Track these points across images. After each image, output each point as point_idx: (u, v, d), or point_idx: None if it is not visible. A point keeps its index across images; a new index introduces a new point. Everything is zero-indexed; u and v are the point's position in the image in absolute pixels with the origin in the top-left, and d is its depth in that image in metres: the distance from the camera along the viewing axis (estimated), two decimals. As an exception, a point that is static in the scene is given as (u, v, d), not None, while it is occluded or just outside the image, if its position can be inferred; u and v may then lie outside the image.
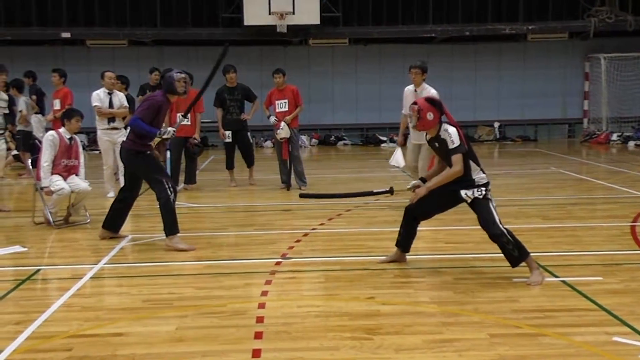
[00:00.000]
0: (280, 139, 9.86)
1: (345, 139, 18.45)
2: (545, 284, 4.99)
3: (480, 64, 18.45)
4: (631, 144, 16.62)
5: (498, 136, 18.52)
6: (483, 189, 5.13)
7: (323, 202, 8.78)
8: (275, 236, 6.87)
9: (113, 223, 6.70)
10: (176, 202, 6.36)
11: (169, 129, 6.61)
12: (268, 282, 5.14)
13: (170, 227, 6.24)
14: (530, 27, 17.44)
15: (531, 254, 5.12)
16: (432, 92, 8.02)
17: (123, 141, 6.68)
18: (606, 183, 10.14)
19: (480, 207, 5.12)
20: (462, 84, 18.28)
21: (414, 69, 8.06)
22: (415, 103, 5.32)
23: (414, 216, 5.50)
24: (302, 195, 6.69)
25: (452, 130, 5.14)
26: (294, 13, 15.95)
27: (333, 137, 18.53)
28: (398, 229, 5.64)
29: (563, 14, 17.88)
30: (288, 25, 16.05)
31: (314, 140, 18.42)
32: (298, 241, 6.54)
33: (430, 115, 5.21)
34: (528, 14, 17.85)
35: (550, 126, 18.90)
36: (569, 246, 6.19)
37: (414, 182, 5.63)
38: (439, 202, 5.39)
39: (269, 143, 17.46)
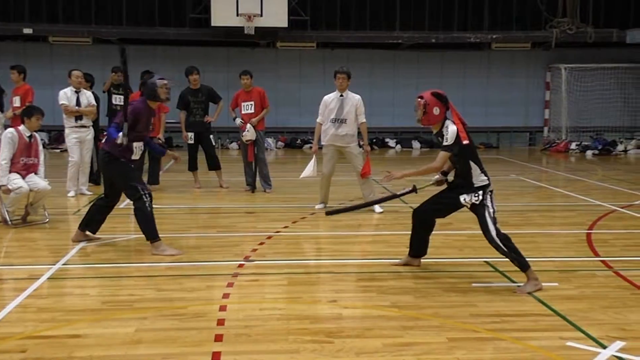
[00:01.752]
0: (246, 141, 9.83)
1: (311, 142, 18.43)
2: (503, 289, 5.09)
3: (445, 71, 18.71)
4: (589, 153, 17.04)
5: (461, 143, 18.77)
6: (480, 192, 5.08)
7: (288, 205, 8.80)
8: (239, 239, 6.85)
9: (91, 225, 6.52)
10: (148, 207, 6.12)
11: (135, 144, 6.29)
12: (230, 285, 5.12)
13: (150, 233, 6.08)
14: (494, 36, 17.77)
15: (489, 259, 5.20)
16: (357, 97, 8.21)
17: (103, 143, 6.44)
18: (564, 191, 10.38)
19: (478, 215, 5.11)
20: (428, 90, 18.47)
21: (342, 74, 8.20)
22: (421, 97, 5.22)
23: (421, 220, 5.43)
24: (328, 213, 6.22)
25: (452, 129, 5.08)
26: (262, 15, 15.95)
27: (299, 140, 18.56)
28: (362, 233, 5.71)
29: (526, 24, 18.27)
30: (256, 28, 16.04)
31: (280, 143, 18.41)
32: (262, 244, 6.53)
33: (436, 110, 5.15)
34: (493, 24, 18.21)
35: (512, 134, 19.27)
36: (527, 252, 6.23)
37: (436, 176, 5.54)
38: (442, 207, 5.38)
39: (234, 145, 17.40)
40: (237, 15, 15.90)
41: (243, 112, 9.89)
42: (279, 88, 17.60)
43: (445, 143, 5.07)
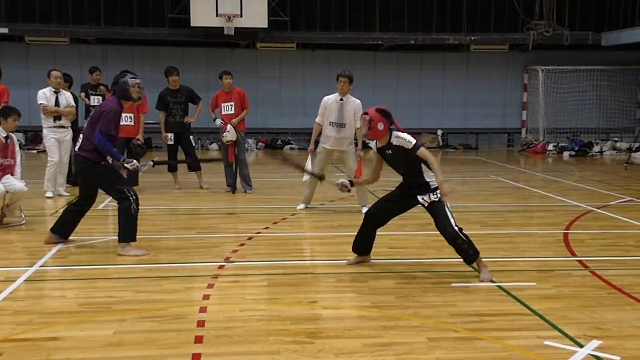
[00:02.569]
0: (227, 141, 9.80)
1: (292, 143, 18.48)
2: (482, 288, 5.13)
3: (425, 72, 18.84)
4: (566, 154, 17.27)
5: (441, 144, 18.92)
6: (437, 192, 5.31)
7: (268, 206, 8.79)
8: (219, 240, 6.82)
9: (64, 229, 6.44)
10: (133, 209, 6.06)
11: (134, 162, 6.32)
12: (210, 286, 5.10)
13: (127, 234, 6.04)
14: (472, 38, 17.92)
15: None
16: (357, 102, 8.23)
17: (78, 150, 6.24)
18: (542, 191, 10.49)
19: (437, 211, 5.32)
20: (407, 92, 18.61)
21: (344, 78, 8.20)
22: (366, 113, 5.46)
23: (373, 222, 5.65)
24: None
25: (404, 134, 5.35)
26: (241, 16, 15.92)
27: (280, 140, 18.55)
28: (342, 233, 5.72)
29: (504, 26, 18.45)
30: (236, 28, 16.01)
31: (260, 143, 18.39)
32: (242, 245, 6.51)
33: (380, 125, 5.39)
34: (471, 25, 18.37)
35: (490, 135, 19.46)
36: (505, 252, 6.38)
37: (342, 180, 5.82)
38: (395, 208, 5.62)
39: (214, 146, 17.33)
40: (217, 15, 15.86)
41: (223, 112, 9.87)
42: (259, 89, 17.58)
43: (411, 145, 5.27)
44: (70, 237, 6.59)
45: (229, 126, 9.69)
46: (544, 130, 18.32)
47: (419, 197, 5.37)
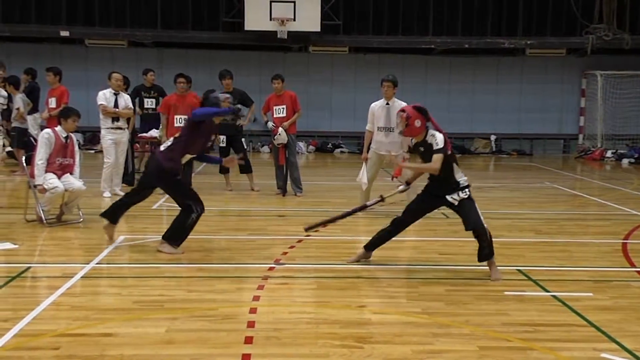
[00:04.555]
0: (278, 144, 9.87)
1: (342, 147, 18.48)
2: (536, 298, 5.01)
3: (478, 76, 18.55)
4: (625, 161, 16.71)
5: (494, 149, 18.59)
6: (467, 190, 5.48)
7: (318, 208, 8.80)
8: (269, 241, 6.87)
9: (114, 214, 6.61)
10: (192, 220, 6.19)
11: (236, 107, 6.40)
12: (260, 287, 5.14)
13: (175, 238, 6.17)
14: (528, 42, 17.55)
15: (522, 268, 5.17)
16: (404, 105, 8.13)
17: (158, 152, 6.30)
18: (599, 200, 10.18)
19: (467, 208, 5.47)
20: (460, 96, 18.36)
21: (387, 82, 8.21)
22: (403, 110, 5.58)
23: (400, 225, 5.83)
24: (307, 229, 6.36)
25: (439, 135, 5.48)
26: (295, 20, 16.01)
27: (330, 144, 18.57)
28: (396, 238, 5.79)
29: (561, 30, 18.01)
30: (288, 32, 16.11)
31: (311, 147, 18.45)
32: (292, 247, 6.54)
33: (417, 123, 5.51)
34: (527, 29, 17.98)
35: (545, 141, 19.00)
36: (561, 261, 6.21)
37: (401, 186, 6.10)
38: (423, 209, 5.80)
39: (266, 148, 17.48)
40: (270, 19, 15.99)
41: (275, 115, 9.94)
42: (311, 92, 17.64)
43: (437, 147, 5.42)
44: (125, 236, 6.73)
45: (280, 129, 9.76)
46: (602, 137, 17.77)
47: (449, 197, 5.49)
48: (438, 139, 5.45)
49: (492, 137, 18.62)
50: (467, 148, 18.31)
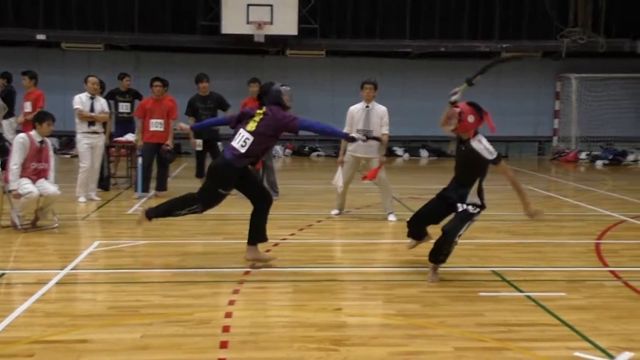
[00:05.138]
0: (254, 148, 9.84)
1: (319, 150, 18.50)
2: (510, 298, 5.06)
3: (455, 80, 18.41)
4: (599, 163, 16.96)
5: (470, 152, 18.73)
6: (478, 209, 5.38)
7: (295, 212, 8.81)
8: (244, 246, 6.83)
9: (257, 235, 6.08)
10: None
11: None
12: (236, 292, 5.13)
13: (158, 211, 6.06)
14: (504, 46, 17.72)
15: (496, 269, 5.21)
16: (383, 108, 8.25)
17: (228, 153, 5.86)
18: (573, 201, 10.32)
19: (462, 216, 5.35)
20: (438, 99, 18.42)
21: (369, 84, 8.26)
22: (456, 106, 5.46)
23: (419, 227, 5.80)
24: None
25: (486, 142, 5.34)
26: (272, 23, 16.02)
27: (307, 148, 18.58)
28: (368, 241, 5.78)
29: (537, 33, 18.22)
30: (266, 35, 16.11)
31: (287, 150, 18.44)
32: (268, 251, 6.52)
33: (471, 118, 5.39)
34: (503, 33, 18.16)
35: (521, 143, 19.19)
36: (535, 262, 6.28)
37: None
38: (438, 212, 5.64)
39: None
40: (248, 23, 15.98)
41: (252, 119, 9.92)
42: (289, 95, 17.62)
43: (492, 157, 5.30)
44: (100, 242, 6.68)
45: (257, 133, 9.73)
46: (577, 139, 18.01)
47: (458, 205, 5.37)
48: (489, 147, 5.29)
49: (469, 140, 18.77)
50: (443, 151, 18.44)
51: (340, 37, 18.02)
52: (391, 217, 8.29)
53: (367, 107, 8.29)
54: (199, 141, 10.22)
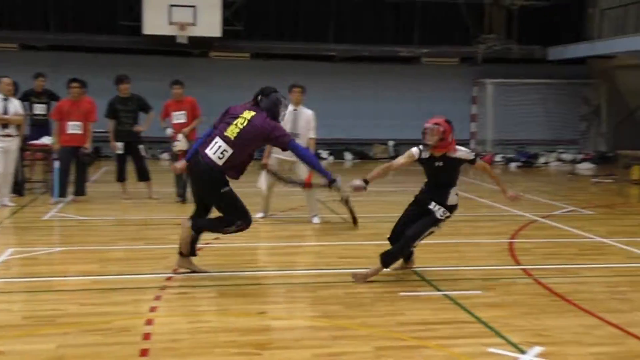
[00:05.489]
0: (177, 151, 9.72)
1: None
2: (429, 297, 5.21)
3: (379, 83, 19.03)
4: (513, 165, 17.70)
5: (392, 154, 19.13)
6: (449, 213, 5.56)
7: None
8: (168, 251, 6.70)
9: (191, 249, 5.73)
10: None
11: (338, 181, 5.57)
12: (157, 298, 5.04)
13: (209, 226, 5.59)
14: (424, 51, 18.23)
15: (417, 269, 5.39)
16: (310, 112, 8.35)
17: (210, 162, 5.28)
18: (489, 202, 10.72)
19: (427, 220, 5.49)
20: (362, 103, 18.77)
21: (298, 88, 8.35)
22: (437, 124, 5.42)
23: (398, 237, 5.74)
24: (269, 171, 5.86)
25: (461, 147, 5.55)
26: (195, 24, 15.82)
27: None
28: (293, 244, 5.80)
29: (455, 39, 18.84)
30: (189, 37, 15.90)
31: (212, 153, 18.23)
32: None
33: (451, 137, 5.46)
34: (423, 38, 18.67)
35: (442, 146, 19.75)
36: (453, 261, 6.50)
37: (356, 182, 5.55)
38: (415, 218, 5.66)
39: (165, 155, 17.11)
40: (170, 23, 15.73)
41: (174, 121, 9.79)
42: (213, 98, 17.42)
43: (472, 156, 5.54)
44: (14, 249, 6.42)
45: (180, 135, 9.63)
46: (492, 142, 18.73)
47: (432, 203, 5.51)
48: (465, 150, 5.50)
49: (390, 143, 19.17)
50: (366, 153, 18.74)
51: (264, 39, 18.01)
52: (315, 220, 8.36)
53: (295, 110, 8.33)
54: (120, 144, 9.98)
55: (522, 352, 4.08)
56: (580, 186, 13.53)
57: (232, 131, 5.30)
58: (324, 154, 18.43)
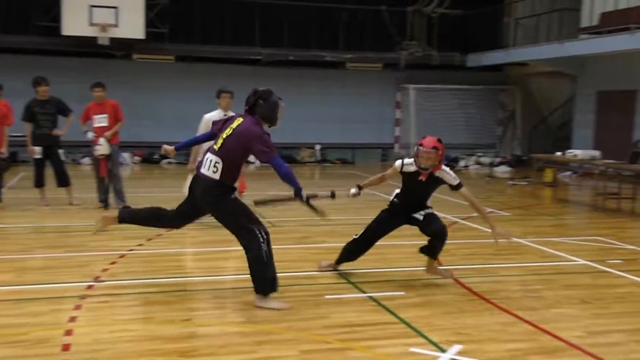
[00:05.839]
0: (99, 155, 9.47)
1: (169, 157, 18.11)
2: (354, 300, 5.31)
3: (304, 88, 19.15)
4: (436, 168, 18.20)
5: (319, 158, 19.30)
6: (431, 208, 5.82)
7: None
8: (89, 258, 6.56)
9: (134, 218, 5.45)
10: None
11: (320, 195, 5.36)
12: (77, 308, 4.91)
13: (263, 284, 5.01)
14: (349, 56, 18.50)
15: (342, 271, 5.54)
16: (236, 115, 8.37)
17: (208, 178, 5.01)
18: (413, 204, 10.98)
19: (433, 217, 5.74)
20: (288, 107, 18.66)
21: (227, 93, 8.38)
22: (435, 147, 5.51)
23: (364, 244, 5.98)
24: (257, 203, 5.46)
25: (449, 169, 5.67)
26: (117, 26, 15.45)
27: (157, 155, 18.10)
28: (219, 249, 5.76)
29: (378, 45, 19.22)
30: (111, 38, 15.51)
31: (136, 157, 17.86)
32: (113, 263, 6.31)
33: (444, 159, 5.64)
34: (347, 44, 18.94)
35: (366, 150, 20.11)
36: (376, 263, 6.62)
37: (353, 190, 6.00)
38: (388, 229, 6.02)
39: (87, 160, 16.61)
40: (91, 24, 15.29)
41: (95, 125, 9.53)
42: (136, 101, 17.09)
43: (457, 182, 5.62)
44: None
45: (101, 139, 9.39)
46: (415, 146, 19.20)
47: (415, 215, 5.70)
48: (451, 174, 5.62)
49: (317, 147, 19.34)
50: (294, 157, 18.81)
51: (189, 42, 17.79)
52: None
53: (224, 115, 8.29)
54: (38, 148, 9.63)
55: (443, 350, 4.23)
56: (498, 188, 14.07)
57: (218, 142, 5.08)
58: (250, 157, 18.39)
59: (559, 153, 12.94)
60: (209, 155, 5.06)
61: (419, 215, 5.74)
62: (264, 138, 5.05)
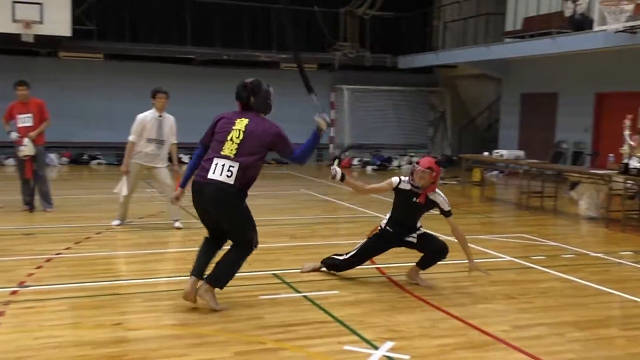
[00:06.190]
0: (23, 156, 9.13)
1: (99, 158, 17.63)
2: (288, 300, 5.32)
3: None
4: (369, 168, 18.47)
5: (255, 159, 19.22)
6: (422, 228, 5.85)
7: (71, 224, 8.31)
8: (13, 263, 6.31)
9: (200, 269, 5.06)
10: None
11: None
12: (1, 314, 4.71)
13: (222, 280, 4.97)
14: (283, 56, 18.49)
15: (277, 272, 5.43)
16: (172, 118, 8.36)
17: (221, 183, 4.78)
18: (348, 204, 11.11)
19: (429, 237, 5.84)
20: (222, 106, 18.51)
21: (162, 94, 8.28)
22: (430, 169, 5.53)
23: (352, 263, 6.00)
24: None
25: (442, 194, 5.67)
26: (42, 22, 14.91)
27: (86, 155, 17.60)
28: (150, 251, 5.65)
29: (313, 46, 19.30)
30: (35, 36, 14.96)
31: (64, 158, 17.29)
32: (39, 267, 6.10)
33: (438, 179, 5.64)
34: (281, 44, 18.94)
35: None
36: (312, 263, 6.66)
37: (336, 169, 5.87)
38: (379, 248, 6.07)
39: (11, 161, 15.95)
40: (14, 21, 14.70)
41: (19, 125, 9.18)
42: (63, 100, 16.55)
43: (448, 208, 5.65)
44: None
45: (26, 140, 9.05)
46: (350, 146, 19.41)
47: (407, 238, 5.79)
48: (445, 199, 5.63)
49: (253, 148, 19.26)
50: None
51: (119, 40, 17.37)
52: (178, 224, 8.24)
53: (160, 116, 8.19)
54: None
55: (375, 347, 4.29)
56: (430, 188, 14.36)
57: (229, 148, 4.84)
58: (185, 158, 18.10)
59: (486, 153, 13.35)
60: (219, 161, 4.81)
61: (412, 238, 5.85)
62: (283, 133, 5.15)
